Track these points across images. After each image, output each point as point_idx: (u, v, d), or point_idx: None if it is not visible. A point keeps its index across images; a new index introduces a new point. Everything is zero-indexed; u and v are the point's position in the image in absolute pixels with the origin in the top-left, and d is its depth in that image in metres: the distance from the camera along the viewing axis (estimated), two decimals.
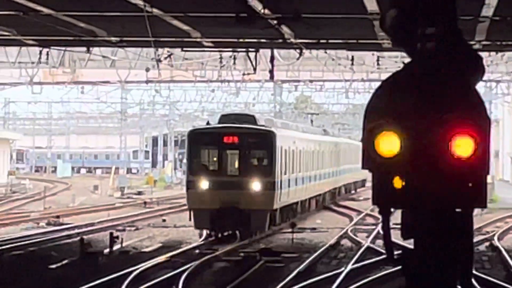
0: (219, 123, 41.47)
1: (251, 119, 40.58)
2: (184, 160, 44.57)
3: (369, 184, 72.01)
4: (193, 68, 55.91)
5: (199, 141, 38.65)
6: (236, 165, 38.26)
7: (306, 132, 56.74)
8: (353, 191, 78.60)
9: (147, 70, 57.24)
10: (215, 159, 38.16)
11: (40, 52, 47.61)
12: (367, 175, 64.54)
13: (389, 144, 6.28)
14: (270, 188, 37.75)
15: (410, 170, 6.32)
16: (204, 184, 36.78)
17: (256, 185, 37.26)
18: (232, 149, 38.13)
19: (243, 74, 50.93)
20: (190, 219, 39.16)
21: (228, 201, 36.49)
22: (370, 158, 6.35)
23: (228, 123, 39.56)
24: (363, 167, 6.40)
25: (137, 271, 28.46)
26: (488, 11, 27.22)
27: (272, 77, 43.90)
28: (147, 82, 69.03)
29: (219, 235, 38.90)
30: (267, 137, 38.45)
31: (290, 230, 43.04)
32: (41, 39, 37.21)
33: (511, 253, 34.28)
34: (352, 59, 47.87)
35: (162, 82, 67.04)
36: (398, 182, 6.39)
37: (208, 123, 42.24)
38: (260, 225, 37.74)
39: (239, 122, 39.35)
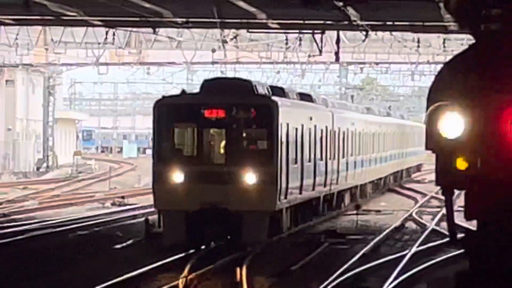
0: (200, 92, 29.59)
1: (246, 86, 28.59)
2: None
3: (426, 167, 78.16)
4: (259, 50, 59.22)
5: (170, 116, 26.85)
6: (222, 149, 26.63)
7: (368, 114, 55.88)
8: (417, 173, 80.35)
9: (213, 51, 59.34)
10: (192, 141, 26.58)
11: (106, 33, 50.05)
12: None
13: (452, 125, 6.42)
14: (269, 181, 26.09)
15: (474, 151, 6.45)
16: (176, 176, 25.46)
17: (249, 178, 25.78)
18: (216, 127, 26.65)
19: (309, 56, 52.35)
20: (159, 226, 28.41)
21: (211, 200, 25.39)
22: (434, 139, 6.49)
23: (214, 92, 27.74)
24: (426, 148, 6.60)
25: (201, 253, 28.74)
26: None
27: (337, 59, 46.27)
28: (212, 63, 69.18)
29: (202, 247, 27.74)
30: (266, 111, 26.57)
31: (354, 212, 42.77)
32: (107, 19, 38.88)
33: None
34: (418, 41, 49.11)
35: (227, 63, 68.25)
36: (461, 163, 6.52)
37: (183, 92, 29.03)
38: (256, 234, 26.10)
39: (228, 91, 27.69)
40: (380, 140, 56.15)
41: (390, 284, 23.58)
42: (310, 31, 40.62)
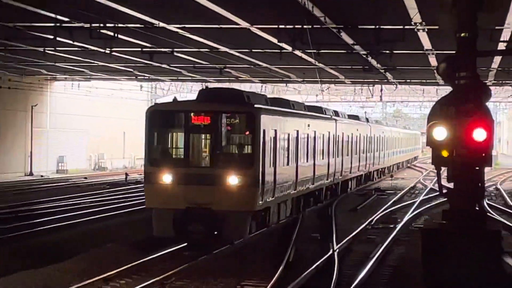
0: (194, 99, 31.38)
1: (237, 95, 30.10)
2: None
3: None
4: (340, 95, 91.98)
5: (161, 121, 28.40)
6: (208, 153, 27.87)
7: (393, 127, 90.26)
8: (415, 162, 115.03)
9: (316, 95, 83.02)
10: (180, 145, 28.05)
11: (261, 86, 76.54)
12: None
13: (439, 133, 10.40)
14: (251, 183, 27.04)
15: (451, 147, 10.39)
16: (165, 177, 26.98)
17: (232, 180, 26.85)
18: (202, 132, 27.94)
19: (366, 98, 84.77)
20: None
21: (196, 200, 26.61)
22: (430, 141, 10.51)
23: (204, 99, 29.10)
24: (427, 145, 10.63)
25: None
26: (495, 65, 47.54)
27: (381, 99, 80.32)
28: (316, 102, 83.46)
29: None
30: (249, 118, 27.74)
31: (390, 178, 71.38)
32: (264, 79, 70.98)
33: (507, 192, 55.12)
34: (423, 90, 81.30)
35: (323, 101, 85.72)
36: (444, 153, 10.50)
37: (174, 100, 31.09)
38: (237, 232, 27.25)
39: (218, 99, 28.98)
40: (399, 141, 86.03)
41: (409, 215, 38.78)
42: (367, 85, 69.22)
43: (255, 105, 28.46)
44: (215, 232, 26.53)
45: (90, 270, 22.58)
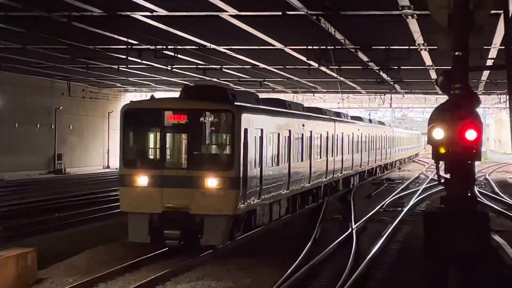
0: (175, 97, 25.97)
1: (221, 93, 23.16)
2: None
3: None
4: (357, 102, 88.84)
5: (136, 121, 22.46)
6: (185, 154, 21.91)
7: (397, 128, 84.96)
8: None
9: (338, 103, 79.08)
10: (156, 145, 22.04)
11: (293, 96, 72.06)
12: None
13: (438, 133, 10.30)
14: (230, 186, 21.16)
15: (446, 145, 10.28)
16: (140, 179, 21.29)
17: (210, 182, 21.12)
18: (179, 132, 21.98)
19: (378, 104, 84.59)
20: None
21: (173, 204, 20.89)
22: (431, 140, 10.37)
23: (183, 97, 23.27)
24: (428, 143, 10.54)
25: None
26: (484, 78, 47.58)
27: (391, 105, 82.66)
28: (338, 108, 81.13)
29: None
30: (227, 116, 21.64)
31: (398, 170, 71.10)
32: (293, 90, 69.42)
33: (494, 181, 55.37)
34: (425, 99, 78.84)
35: (343, 108, 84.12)
36: (442, 150, 10.35)
37: (152, 98, 24.49)
38: (216, 237, 21.14)
39: (198, 96, 22.74)
40: (402, 140, 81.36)
41: (413, 200, 38.39)
42: (379, 94, 70.02)
43: (236, 103, 21.89)
44: (193, 237, 20.65)
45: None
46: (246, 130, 21.46)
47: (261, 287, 17.93)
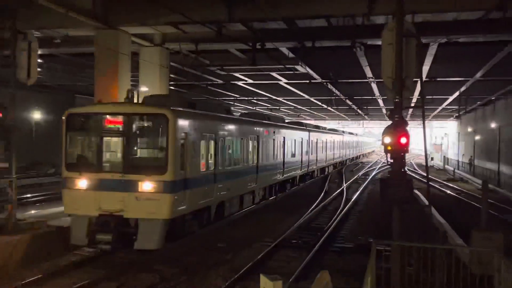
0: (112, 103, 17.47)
1: (162, 99, 17.22)
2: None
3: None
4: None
5: (76, 125, 16.75)
6: (121, 158, 16.06)
7: (360, 136, 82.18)
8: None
9: (338, 122, 71.83)
10: (94, 149, 16.56)
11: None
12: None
13: (387, 139, 10.71)
14: (164, 189, 15.25)
15: (391, 146, 10.72)
16: (81, 182, 16.09)
17: (145, 186, 15.52)
18: (116, 136, 16.34)
19: (357, 125, 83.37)
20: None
21: (109, 207, 15.67)
22: (383, 143, 10.74)
23: (124, 103, 16.67)
24: (381, 144, 10.86)
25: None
26: (410, 111, 49.95)
27: (363, 125, 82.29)
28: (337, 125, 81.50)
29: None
30: (161, 121, 15.64)
31: (366, 158, 77.02)
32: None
33: (415, 164, 65.14)
34: (380, 123, 77.46)
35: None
36: (389, 147, 10.79)
37: (98, 102, 17.65)
38: (150, 241, 15.26)
39: (143, 102, 17.39)
40: (366, 143, 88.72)
41: (375, 172, 46.57)
42: (357, 120, 73.17)
43: (172, 108, 15.63)
44: (127, 241, 15.08)
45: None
46: (186, 134, 15.52)
47: (309, 204, 24.10)
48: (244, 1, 16.79)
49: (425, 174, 33.73)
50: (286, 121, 32.49)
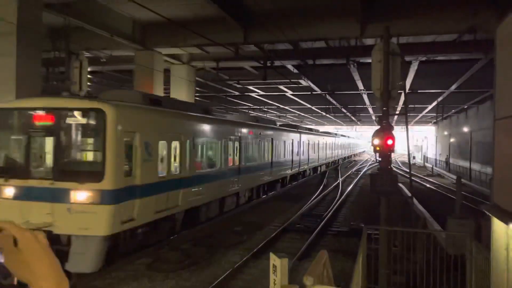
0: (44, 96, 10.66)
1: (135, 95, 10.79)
2: None
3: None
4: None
5: (3, 123, 9.28)
6: (50, 162, 8.84)
7: (352, 138, 76.40)
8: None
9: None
10: (20, 151, 9.07)
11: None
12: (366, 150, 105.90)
13: (376, 141, 9.71)
14: (101, 200, 8.41)
15: (379, 146, 9.76)
16: (6, 190, 8.80)
17: (79, 196, 8.45)
18: (45, 135, 8.90)
19: (352, 129, 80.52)
20: None
21: (35, 221, 8.38)
22: (373, 144, 9.70)
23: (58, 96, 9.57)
24: (371, 146, 9.76)
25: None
26: (396, 118, 42.72)
27: (355, 129, 79.18)
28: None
29: None
30: (98, 117, 8.59)
31: (358, 157, 75.40)
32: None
33: (400, 162, 61.69)
34: (372, 128, 72.42)
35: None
36: (378, 148, 9.75)
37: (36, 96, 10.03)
38: (85, 262, 8.38)
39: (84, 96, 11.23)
40: (357, 144, 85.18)
41: (366, 169, 44.55)
42: (350, 125, 68.45)
43: (114, 102, 9.66)
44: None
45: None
46: (136, 134, 10.01)
47: (311, 193, 24.05)
48: (257, 27, 17.07)
49: (408, 171, 33.67)
50: (279, 124, 28.70)
